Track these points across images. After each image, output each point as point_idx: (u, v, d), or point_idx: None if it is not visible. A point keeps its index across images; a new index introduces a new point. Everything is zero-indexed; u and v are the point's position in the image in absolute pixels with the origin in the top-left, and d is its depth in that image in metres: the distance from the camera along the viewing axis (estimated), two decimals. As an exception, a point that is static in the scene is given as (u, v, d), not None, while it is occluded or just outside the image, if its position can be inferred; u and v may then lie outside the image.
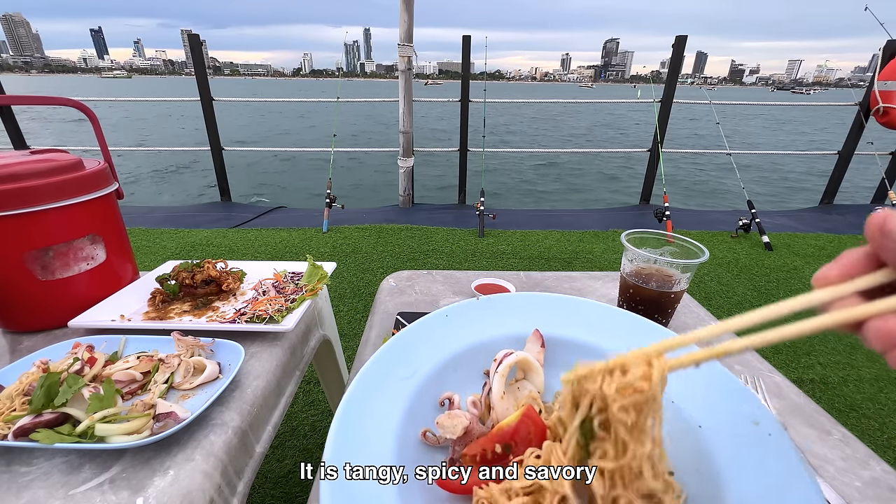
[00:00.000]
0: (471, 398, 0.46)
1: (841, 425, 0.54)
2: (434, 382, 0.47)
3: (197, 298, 0.79)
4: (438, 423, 0.41)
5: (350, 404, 0.41)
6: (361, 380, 0.44)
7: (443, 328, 0.52)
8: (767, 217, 3.64)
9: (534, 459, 0.35)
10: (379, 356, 0.47)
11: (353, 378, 0.44)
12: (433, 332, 0.52)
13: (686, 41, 3.85)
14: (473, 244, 3.11)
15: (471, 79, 3.75)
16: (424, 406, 0.45)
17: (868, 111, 3.68)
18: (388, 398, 0.44)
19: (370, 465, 0.36)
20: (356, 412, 0.41)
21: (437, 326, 0.52)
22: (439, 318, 0.53)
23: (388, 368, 0.46)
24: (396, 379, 0.46)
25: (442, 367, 0.49)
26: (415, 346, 0.50)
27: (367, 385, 0.44)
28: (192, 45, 3.75)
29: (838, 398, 1.67)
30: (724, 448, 0.39)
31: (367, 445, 0.38)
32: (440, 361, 0.49)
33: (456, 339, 0.52)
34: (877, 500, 0.44)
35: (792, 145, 12.77)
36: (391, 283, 0.89)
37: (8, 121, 3.74)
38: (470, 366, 0.50)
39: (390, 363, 0.47)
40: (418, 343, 0.50)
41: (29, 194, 0.65)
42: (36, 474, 0.45)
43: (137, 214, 3.68)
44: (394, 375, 0.46)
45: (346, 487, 0.34)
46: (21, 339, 0.70)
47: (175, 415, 0.50)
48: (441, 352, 0.50)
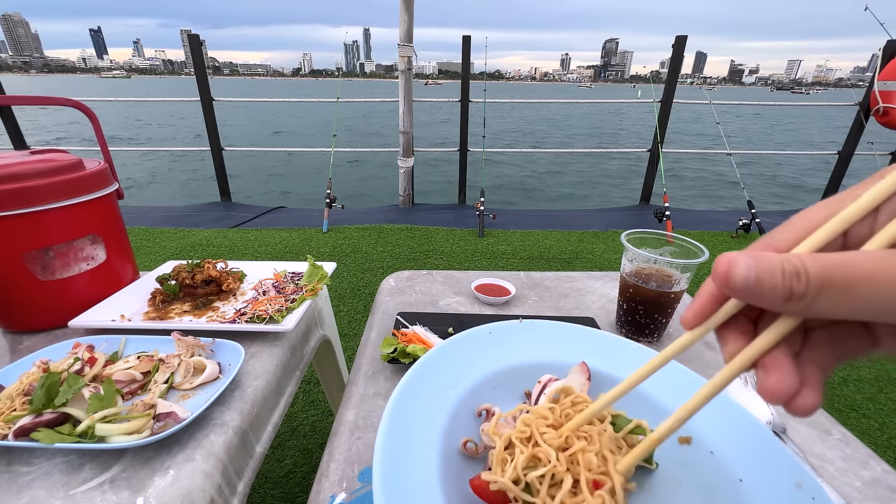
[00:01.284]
0: (511, 412, 0.45)
1: (841, 425, 0.54)
2: (474, 396, 0.47)
3: (197, 298, 0.79)
4: (483, 431, 0.41)
5: (396, 408, 0.40)
6: (412, 379, 0.43)
7: (486, 345, 0.52)
8: (768, 217, 3.64)
9: None
10: (428, 360, 0.46)
11: (404, 379, 0.43)
12: (477, 347, 0.51)
13: (686, 41, 3.85)
14: (473, 244, 3.11)
15: (471, 79, 3.75)
16: (464, 417, 0.45)
17: (868, 111, 3.67)
18: (437, 403, 0.44)
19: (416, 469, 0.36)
20: (407, 410, 0.40)
21: (480, 342, 0.52)
22: (483, 333, 0.53)
23: (435, 374, 0.46)
24: (444, 386, 0.46)
25: (483, 382, 0.49)
26: (460, 357, 0.49)
27: (417, 386, 0.43)
28: (193, 46, 3.75)
29: (838, 398, 1.67)
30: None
31: (413, 449, 0.38)
32: (482, 376, 0.49)
33: (498, 358, 0.51)
34: (877, 501, 0.44)
35: (792, 145, 12.77)
36: (391, 284, 0.89)
37: (8, 121, 3.74)
38: (509, 385, 0.50)
39: (437, 370, 0.46)
40: (463, 354, 0.50)
41: (29, 194, 0.65)
42: (36, 474, 0.45)
43: (137, 214, 3.69)
44: (441, 382, 0.46)
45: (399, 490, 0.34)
46: (21, 339, 0.70)
47: (175, 415, 0.50)
48: (483, 367, 0.50)
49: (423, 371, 0.45)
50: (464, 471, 0.40)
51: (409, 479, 0.35)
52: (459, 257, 2.89)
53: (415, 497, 0.34)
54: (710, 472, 0.41)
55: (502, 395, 0.49)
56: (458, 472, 0.39)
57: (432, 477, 0.36)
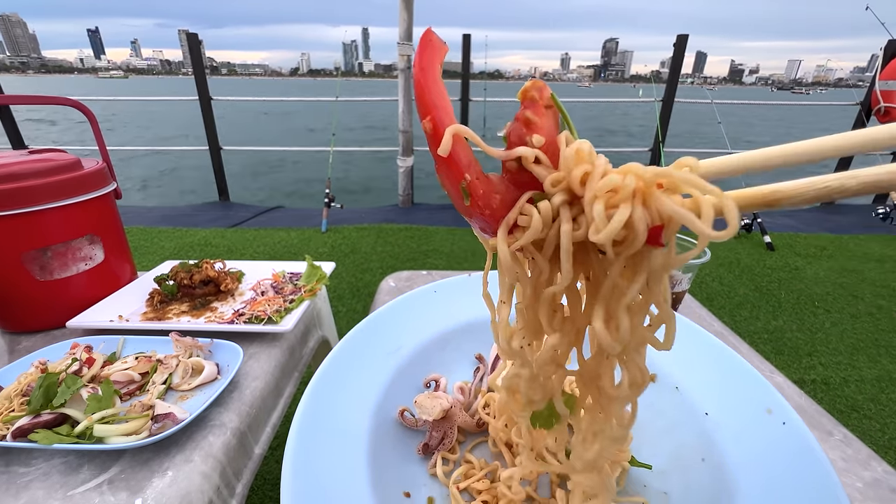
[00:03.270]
0: (459, 383, 0.44)
1: (842, 426, 0.54)
2: (418, 361, 0.45)
3: (195, 299, 0.79)
4: (417, 403, 0.39)
5: (327, 375, 0.38)
6: (341, 350, 0.41)
7: (430, 305, 0.49)
8: (769, 217, 3.64)
9: None
10: (361, 327, 0.44)
11: (334, 349, 0.42)
12: (420, 308, 0.48)
13: (687, 41, 3.85)
14: (473, 244, 3.11)
15: (470, 78, 3.75)
16: (407, 385, 0.43)
17: (869, 111, 3.67)
18: (369, 372, 0.41)
19: (341, 444, 0.34)
20: (333, 384, 0.38)
21: (424, 302, 0.49)
22: (427, 293, 0.50)
23: (370, 341, 0.43)
24: (380, 353, 0.43)
25: (427, 345, 0.46)
26: (400, 320, 0.46)
27: (347, 356, 0.41)
28: (191, 46, 3.75)
29: (840, 399, 1.67)
30: (732, 436, 0.36)
31: (339, 422, 0.36)
32: (426, 339, 0.46)
33: (444, 318, 0.49)
34: (878, 501, 0.44)
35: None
36: (390, 284, 0.88)
37: (6, 121, 3.73)
38: (457, 347, 0.47)
39: (373, 336, 0.44)
40: (403, 318, 0.47)
41: (27, 194, 0.65)
42: (35, 475, 0.45)
43: (135, 214, 3.68)
44: (377, 349, 0.43)
45: (310, 468, 0.32)
46: (19, 340, 0.70)
47: (173, 416, 0.49)
48: (427, 329, 0.47)
49: (355, 340, 0.43)
50: (400, 443, 0.38)
51: (325, 459, 0.33)
52: (459, 257, 2.89)
53: (330, 480, 0.32)
54: (674, 408, 0.39)
55: (451, 358, 0.46)
56: (395, 444, 0.37)
57: (357, 455, 0.34)
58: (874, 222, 3.46)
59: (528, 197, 0.25)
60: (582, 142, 0.24)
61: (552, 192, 0.24)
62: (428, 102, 0.24)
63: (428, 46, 0.25)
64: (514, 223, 0.25)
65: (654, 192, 0.22)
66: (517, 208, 0.25)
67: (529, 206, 0.25)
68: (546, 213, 0.24)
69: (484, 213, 0.25)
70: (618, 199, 0.22)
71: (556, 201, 0.24)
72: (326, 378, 0.38)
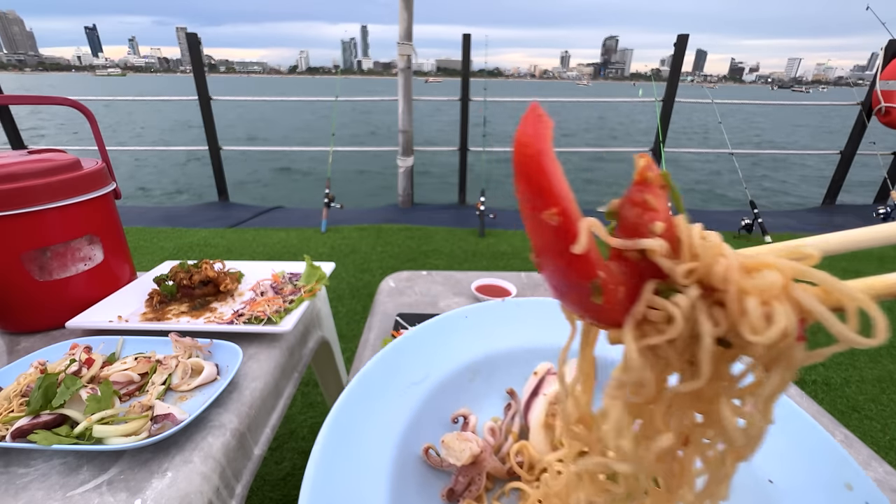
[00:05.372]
0: (489, 423, 0.40)
1: (843, 427, 0.54)
2: (446, 393, 0.41)
3: (195, 299, 0.79)
4: (444, 443, 0.36)
5: (346, 407, 0.36)
6: (362, 380, 0.38)
7: (460, 331, 0.46)
8: (770, 217, 3.64)
9: None
10: (385, 355, 0.41)
11: (355, 378, 0.39)
12: (449, 334, 0.45)
13: (688, 40, 3.85)
14: (474, 244, 3.11)
15: (470, 76, 3.74)
16: (433, 419, 0.39)
17: (870, 110, 3.67)
18: (394, 403, 0.38)
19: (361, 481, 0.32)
20: (353, 417, 0.36)
21: (454, 328, 0.46)
22: (457, 318, 0.46)
23: (394, 370, 0.40)
24: (404, 383, 0.40)
25: (455, 376, 0.43)
26: (427, 347, 0.43)
27: (368, 386, 0.38)
28: (191, 44, 3.74)
29: (840, 399, 1.67)
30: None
31: (360, 456, 0.34)
32: (454, 368, 0.43)
33: (474, 346, 0.45)
34: (879, 503, 0.44)
35: (795, 146, 12.75)
36: (390, 284, 0.88)
37: (5, 121, 3.73)
38: (487, 379, 0.44)
39: (398, 364, 0.41)
40: (431, 345, 0.44)
41: (26, 194, 0.65)
42: (34, 476, 0.45)
43: (135, 214, 3.68)
44: (401, 379, 0.40)
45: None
46: (19, 340, 0.70)
47: (173, 416, 0.49)
48: (456, 358, 0.44)
49: (380, 367, 0.40)
50: (424, 484, 0.34)
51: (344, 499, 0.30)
52: (459, 257, 2.89)
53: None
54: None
55: (482, 390, 0.42)
56: (418, 486, 0.34)
57: (377, 494, 0.32)
58: (875, 222, 3.45)
59: (653, 288, 0.23)
60: (708, 232, 0.23)
61: (685, 283, 0.22)
62: (554, 192, 0.21)
63: (538, 121, 0.22)
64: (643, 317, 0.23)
65: (794, 286, 0.21)
66: (644, 301, 0.23)
67: (660, 299, 0.23)
68: (687, 309, 0.22)
69: (615, 308, 0.23)
70: (768, 296, 0.21)
71: (692, 295, 0.22)
72: (349, 407, 0.35)
